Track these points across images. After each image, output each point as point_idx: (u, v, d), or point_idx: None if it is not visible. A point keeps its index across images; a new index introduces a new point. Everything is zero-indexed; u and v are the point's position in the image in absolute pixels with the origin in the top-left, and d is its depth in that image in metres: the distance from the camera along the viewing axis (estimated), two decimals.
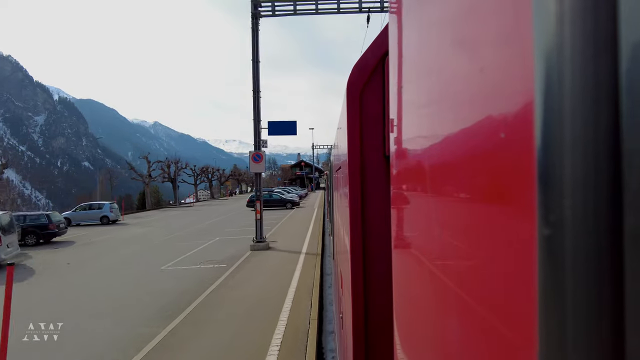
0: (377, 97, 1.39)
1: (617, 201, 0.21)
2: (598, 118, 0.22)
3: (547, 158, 0.24)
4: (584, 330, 0.22)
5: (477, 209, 0.38)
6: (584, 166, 0.22)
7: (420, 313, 0.62)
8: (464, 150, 0.42)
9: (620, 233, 0.21)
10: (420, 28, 0.60)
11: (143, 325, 5.98)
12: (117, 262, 11.15)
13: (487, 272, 0.36)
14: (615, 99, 0.21)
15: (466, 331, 0.41)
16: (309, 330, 5.42)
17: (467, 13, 0.40)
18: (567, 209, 0.23)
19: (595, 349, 0.21)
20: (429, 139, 0.55)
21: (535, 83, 0.25)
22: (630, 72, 0.20)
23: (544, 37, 0.24)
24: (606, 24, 0.21)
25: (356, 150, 1.41)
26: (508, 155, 0.31)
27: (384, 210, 1.36)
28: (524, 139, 0.27)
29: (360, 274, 1.41)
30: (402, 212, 0.75)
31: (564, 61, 0.23)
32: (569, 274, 0.22)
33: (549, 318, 0.23)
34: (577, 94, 0.22)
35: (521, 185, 0.28)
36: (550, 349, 0.23)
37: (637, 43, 0.20)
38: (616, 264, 0.21)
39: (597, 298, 0.21)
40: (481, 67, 0.36)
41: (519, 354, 0.29)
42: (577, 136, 0.22)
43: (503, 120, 0.32)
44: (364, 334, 1.41)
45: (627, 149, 0.21)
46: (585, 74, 0.22)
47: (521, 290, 0.28)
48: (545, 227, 0.24)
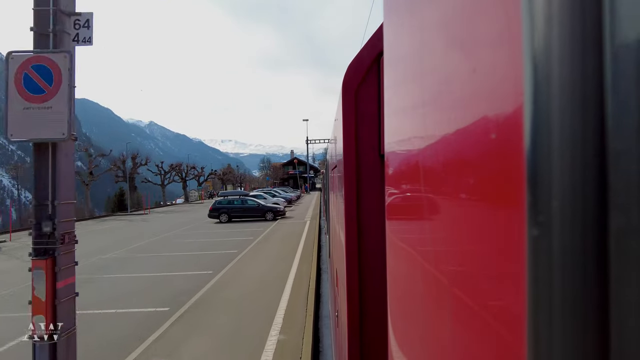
0: (372, 96, 1.40)
1: (603, 202, 0.21)
2: (584, 119, 0.22)
3: (536, 159, 0.24)
4: (570, 327, 0.22)
5: (470, 208, 0.39)
6: (571, 167, 0.22)
7: (414, 311, 0.63)
8: (457, 150, 0.42)
9: (605, 233, 0.21)
10: (414, 28, 0.60)
11: None
12: None
13: (480, 270, 0.36)
14: (600, 101, 0.21)
15: (459, 328, 0.42)
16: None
17: (460, 15, 0.41)
18: (555, 209, 0.23)
19: (581, 345, 0.22)
20: (422, 138, 0.56)
21: (525, 84, 0.25)
22: (615, 74, 0.21)
23: (532, 40, 0.24)
24: (592, 28, 0.21)
25: (351, 149, 1.42)
26: (499, 156, 0.31)
27: (379, 208, 1.37)
28: (513, 139, 0.28)
29: (355, 271, 1.42)
30: (396, 210, 0.76)
31: (551, 63, 0.23)
32: (557, 274, 0.23)
33: (538, 315, 0.24)
34: (563, 95, 0.22)
35: (512, 185, 0.28)
36: (539, 345, 0.24)
37: (621, 46, 0.20)
38: (602, 264, 0.21)
39: (584, 296, 0.22)
40: (473, 68, 0.37)
41: (508, 350, 0.29)
42: (564, 137, 0.22)
43: (494, 121, 0.32)
44: (359, 332, 1.42)
45: (612, 150, 0.21)
46: (572, 76, 0.22)
47: (511, 288, 0.29)
48: (534, 228, 0.24)
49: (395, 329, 0.76)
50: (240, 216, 21.40)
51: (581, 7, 0.22)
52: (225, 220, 21.28)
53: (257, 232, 16.01)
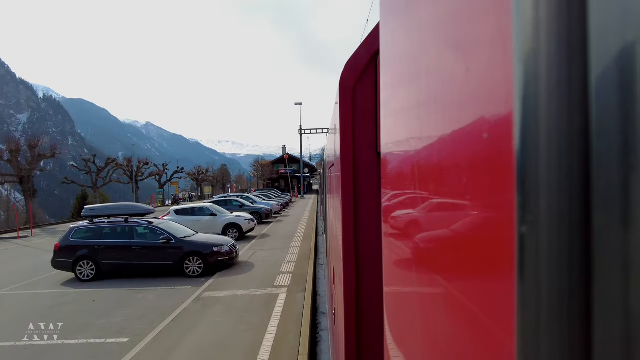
0: (369, 94, 1.41)
1: (587, 200, 0.22)
2: (570, 121, 0.22)
3: (524, 159, 0.25)
4: (556, 320, 0.23)
5: (464, 207, 0.40)
6: (556, 167, 0.23)
7: (409, 308, 0.63)
8: (451, 150, 0.43)
9: (589, 231, 0.22)
10: (409, 28, 0.61)
11: None
12: None
13: (476, 268, 0.36)
14: (585, 104, 0.22)
15: (453, 325, 0.43)
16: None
17: (453, 16, 0.42)
18: (543, 208, 0.23)
19: (566, 338, 0.23)
20: (418, 137, 0.57)
21: (514, 87, 0.26)
22: (598, 78, 0.21)
23: (521, 43, 0.25)
24: (577, 34, 0.22)
25: (348, 147, 1.43)
26: (491, 156, 0.32)
27: (375, 206, 1.38)
28: (504, 140, 0.28)
29: (352, 268, 1.43)
30: (392, 208, 0.76)
31: (539, 67, 0.24)
32: (544, 271, 0.24)
33: (526, 310, 0.25)
34: (550, 98, 0.23)
35: (503, 184, 0.29)
36: (526, 339, 0.25)
37: (604, 52, 0.21)
38: (586, 260, 0.22)
39: (569, 291, 0.23)
40: (467, 69, 0.37)
41: (500, 345, 0.30)
42: (551, 138, 0.23)
43: (486, 122, 0.32)
44: (355, 329, 1.43)
45: (595, 151, 0.22)
46: (559, 80, 0.23)
47: (503, 285, 0.29)
48: (523, 226, 0.25)
49: (391, 326, 0.77)
50: (125, 266, 9.05)
51: (567, 13, 0.22)
52: (88, 276, 8.93)
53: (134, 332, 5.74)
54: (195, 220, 13.77)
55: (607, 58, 0.21)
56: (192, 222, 12.90)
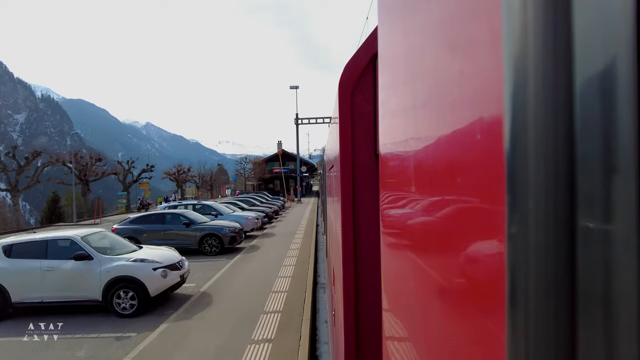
0: (367, 96, 1.42)
1: (572, 201, 0.23)
2: (556, 124, 0.23)
3: (514, 160, 0.26)
4: (543, 315, 0.24)
5: (460, 207, 0.40)
6: (544, 168, 0.24)
7: (408, 308, 0.63)
8: (447, 151, 0.44)
9: (574, 230, 0.23)
10: (407, 32, 0.62)
11: None
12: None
13: (474, 269, 0.37)
14: (570, 107, 0.23)
15: (450, 324, 0.43)
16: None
17: (449, 19, 0.43)
18: (531, 208, 0.24)
19: (553, 331, 0.24)
20: (415, 138, 0.57)
21: (504, 90, 0.26)
22: (583, 83, 0.22)
23: (510, 48, 0.26)
24: (563, 39, 0.23)
25: (347, 148, 1.44)
26: (484, 157, 0.33)
27: (374, 207, 1.39)
28: (495, 141, 0.29)
29: (351, 269, 1.44)
30: (390, 209, 0.77)
31: (527, 71, 0.24)
32: (531, 268, 0.24)
33: (515, 306, 0.26)
34: (537, 101, 0.24)
35: (495, 185, 0.29)
36: (517, 336, 0.26)
37: (589, 57, 0.22)
38: (571, 259, 0.23)
39: (555, 288, 0.23)
40: (461, 72, 0.38)
41: (494, 342, 0.31)
42: (538, 140, 0.24)
43: (479, 123, 0.33)
44: (354, 329, 1.44)
45: (580, 153, 0.22)
46: (545, 84, 0.23)
47: (494, 282, 0.30)
48: (512, 225, 0.26)
49: (390, 326, 0.78)
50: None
51: (553, 20, 0.23)
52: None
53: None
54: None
55: (592, 63, 0.21)
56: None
